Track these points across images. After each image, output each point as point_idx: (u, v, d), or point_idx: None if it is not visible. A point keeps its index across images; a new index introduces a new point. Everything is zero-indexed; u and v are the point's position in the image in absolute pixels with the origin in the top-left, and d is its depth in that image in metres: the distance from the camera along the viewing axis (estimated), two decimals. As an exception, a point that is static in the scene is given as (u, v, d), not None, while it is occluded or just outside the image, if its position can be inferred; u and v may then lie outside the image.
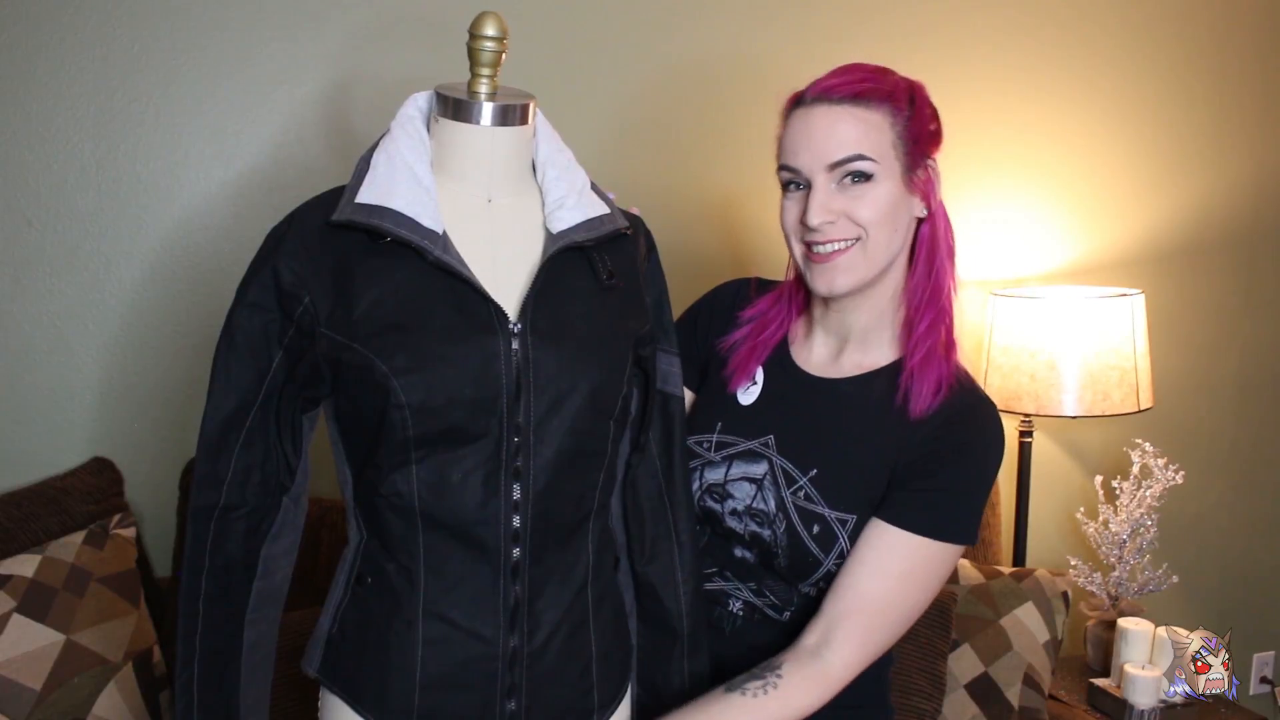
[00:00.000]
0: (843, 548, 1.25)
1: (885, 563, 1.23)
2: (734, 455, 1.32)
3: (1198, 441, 2.59)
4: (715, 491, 1.32)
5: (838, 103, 1.21)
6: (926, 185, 1.26)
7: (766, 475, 1.29)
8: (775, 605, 1.31)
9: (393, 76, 1.88)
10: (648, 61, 2.06)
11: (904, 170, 1.23)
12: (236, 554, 1.08)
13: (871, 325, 1.31)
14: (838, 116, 1.21)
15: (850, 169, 1.21)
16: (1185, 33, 2.47)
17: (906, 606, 1.24)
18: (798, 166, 1.24)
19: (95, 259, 1.81)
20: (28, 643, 1.56)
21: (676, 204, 2.09)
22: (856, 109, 1.21)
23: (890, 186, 1.22)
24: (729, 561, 1.33)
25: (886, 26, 2.20)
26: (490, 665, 1.09)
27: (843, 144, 1.20)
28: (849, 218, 1.22)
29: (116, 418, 1.85)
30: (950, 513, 1.24)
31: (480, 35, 1.07)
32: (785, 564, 1.27)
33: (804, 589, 1.29)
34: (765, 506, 1.28)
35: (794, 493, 1.27)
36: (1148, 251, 2.50)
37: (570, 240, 1.11)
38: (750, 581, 1.32)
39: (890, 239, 1.24)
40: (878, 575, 1.23)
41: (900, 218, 1.25)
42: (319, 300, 1.05)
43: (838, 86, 1.22)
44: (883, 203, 1.22)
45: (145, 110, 1.80)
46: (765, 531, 1.28)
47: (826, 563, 1.25)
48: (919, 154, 1.25)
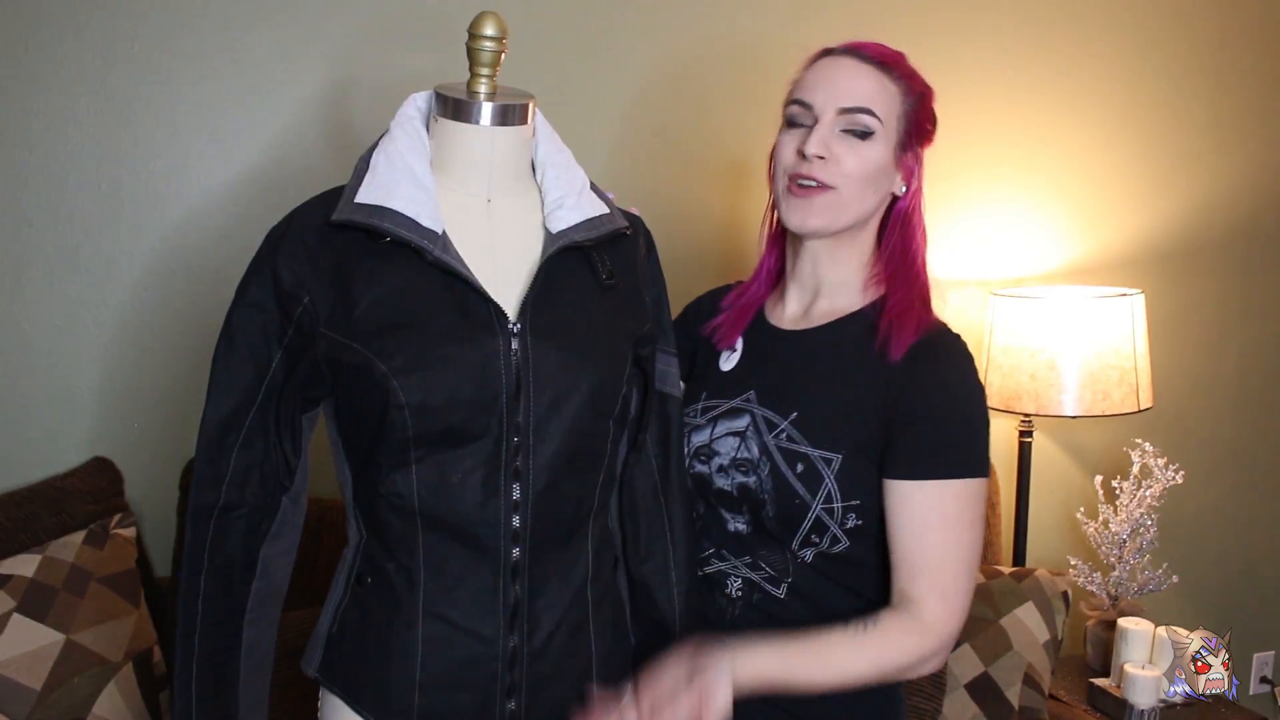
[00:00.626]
0: (829, 488, 1.25)
1: (920, 518, 1.25)
2: (718, 415, 1.34)
3: (1198, 441, 2.59)
4: (702, 453, 1.33)
5: (865, 60, 1.30)
6: (912, 167, 1.34)
7: (749, 426, 1.31)
8: (772, 577, 1.31)
9: (393, 76, 1.88)
10: (649, 60, 2.06)
11: (898, 144, 1.31)
12: (236, 554, 1.09)
13: (840, 278, 1.35)
14: (863, 71, 1.29)
15: (858, 119, 1.28)
16: (1185, 33, 2.47)
17: (963, 549, 1.26)
18: (811, 102, 1.30)
19: (95, 259, 1.81)
20: (28, 643, 1.56)
21: (678, 202, 2.09)
22: (880, 73, 1.30)
23: (882, 151, 1.29)
24: (724, 537, 1.33)
25: (889, 26, 2.20)
26: (490, 665, 1.09)
27: (860, 94, 1.28)
28: (837, 163, 1.28)
29: (116, 418, 1.85)
30: (960, 449, 1.26)
31: (480, 35, 1.08)
32: (773, 512, 1.27)
33: (798, 551, 1.29)
34: (749, 454, 1.30)
35: (776, 436, 1.29)
36: (1148, 251, 2.50)
37: (570, 240, 1.11)
38: (745, 555, 1.32)
39: (863, 198, 1.30)
40: (919, 533, 1.25)
41: (880, 183, 1.31)
42: (318, 300, 1.05)
43: (869, 47, 1.31)
44: (871, 162, 1.29)
45: (145, 110, 1.80)
46: (750, 479, 1.29)
47: (814, 505, 1.25)
48: (914, 138, 1.33)
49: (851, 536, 1.28)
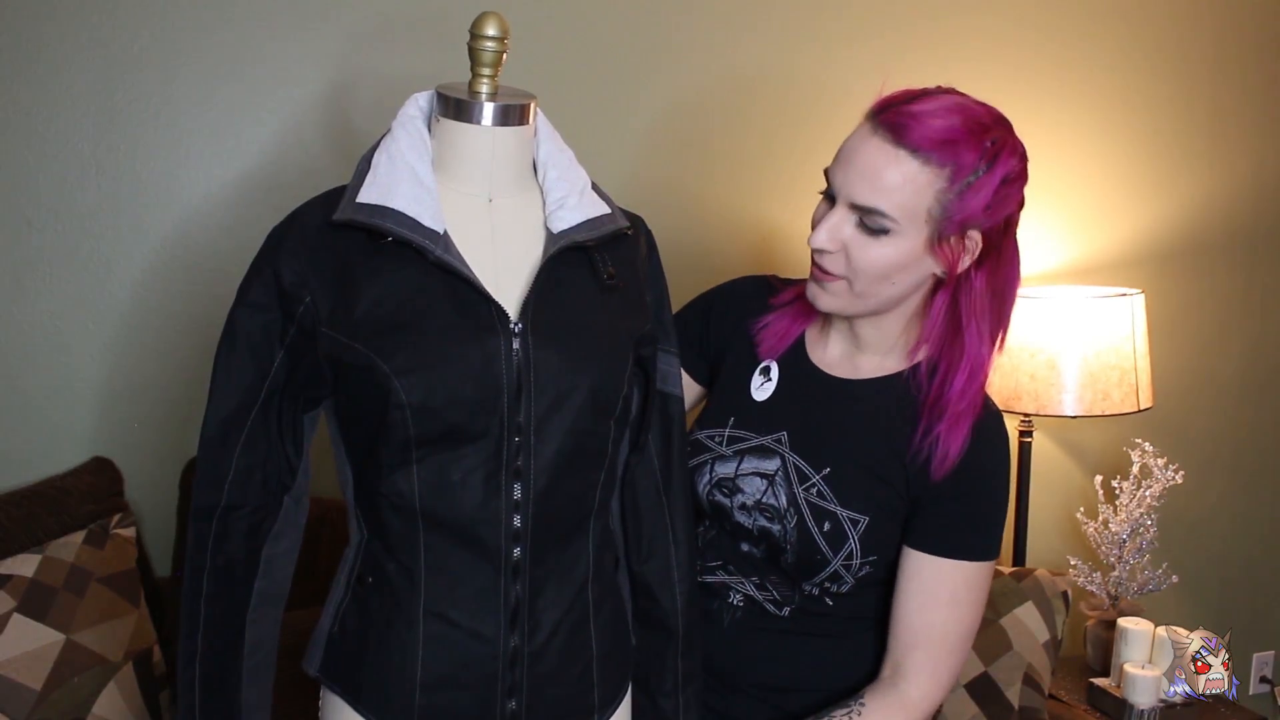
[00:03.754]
0: (852, 548, 1.26)
1: (930, 592, 1.26)
2: (745, 450, 1.32)
3: (1198, 441, 2.59)
4: (725, 486, 1.32)
5: (896, 145, 1.15)
6: (955, 254, 1.19)
7: (778, 471, 1.29)
8: (776, 601, 1.31)
9: (393, 76, 1.88)
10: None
11: (931, 235, 1.18)
12: (238, 554, 1.09)
13: (880, 341, 1.30)
14: (886, 160, 1.15)
15: (869, 218, 1.17)
16: (1185, 33, 2.47)
17: (962, 628, 1.27)
18: (832, 180, 1.21)
19: (95, 259, 1.81)
20: (28, 642, 1.56)
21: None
22: (911, 161, 1.15)
23: (905, 247, 1.18)
24: (734, 555, 1.33)
25: (889, 26, 2.20)
26: (491, 665, 1.09)
27: (873, 191, 1.16)
28: (848, 256, 1.20)
29: (116, 418, 1.85)
30: (979, 533, 1.28)
31: (481, 35, 1.07)
32: (793, 560, 1.28)
33: (807, 588, 1.29)
34: (776, 502, 1.28)
35: (806, 489, 1.28)
36: (1148, 251, 2.50)
37: (571, 240, 1.11)
38: (754, 576, 1.32)
39: (882, 290, 1.22)
40: (928, 606, 1.26)
41: (904, 275, 1.21)
42: (320, 300, 1.05)
43: (908, 130, 1.15)
44: (887, 260, 1.18)
45: (145, 110, 1.80)
46: (775, 527, 1.28)
47: (834, 563, 1.26)
48: (960, 223, 1.17)
49: (861, 581, 1.29)
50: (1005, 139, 1.18)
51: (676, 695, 1.24)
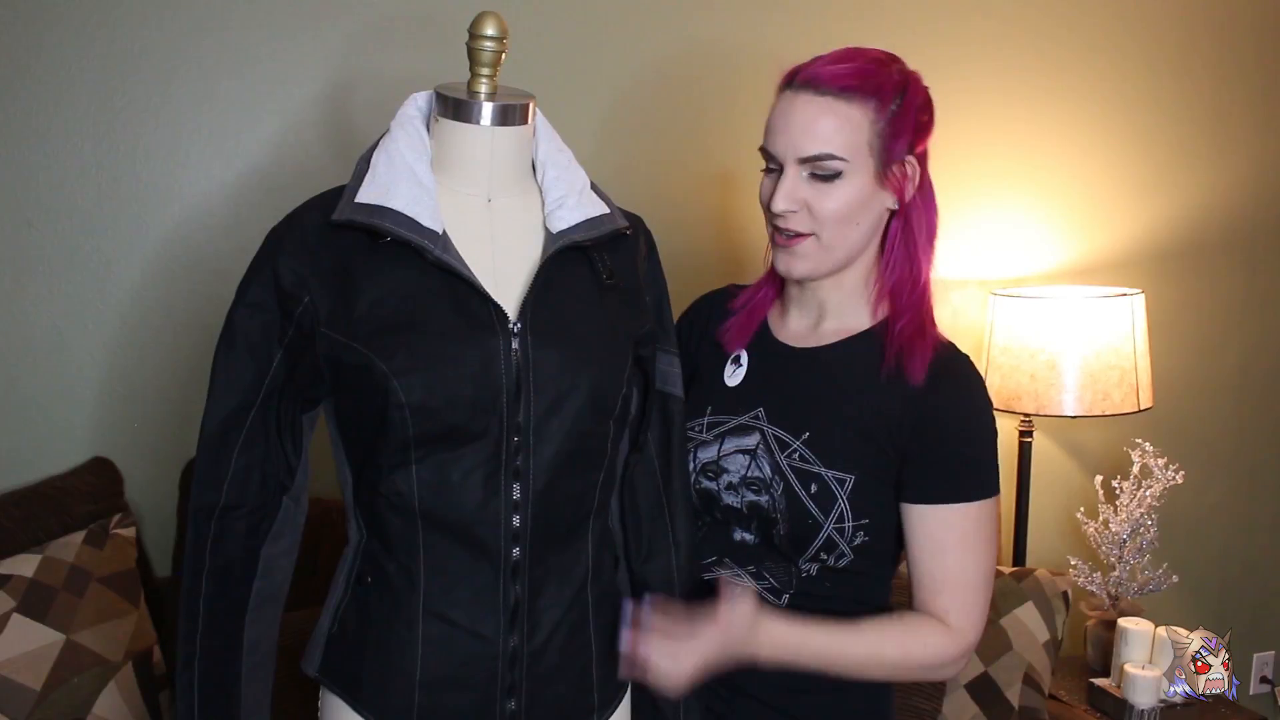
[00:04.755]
0: (842, 509, 1.26)
1: (939, 539, 1.26)
2: (725, 432, 1.33)
3: (1198, 441, 2.59)
4: (710, 469, 1.32)
5: (820, 94, 1.22)
6: (901, 181, 1.26)
7: (759, 444, 1.30)
8: (775, 588, 1.31)
9: (393, 76, 1.88)
10: (638, 59, 2.05)
11: (877, 167, 1.24)
12: (236, 554, 1.09)
13: (844, 300, 1.34)
14: (818, 109, 1.22)
15: (820, 165, 1.22)
16: (1185, 33, 2.47)
17: (981, 568, 1.28)
18: (773, 151, 1.26)
19: (95, 259, 1.81)
20: (28, 642, 1.56)
21: (670, 191, 2.09)
22: (838, 103, 1.21)
23: (859, 183, 1.23)
24: (728, 546, 1.33)
25: (888, 27, 2.20)
26: (490, 665, 1.09)
27: (815, 139, 1.22)
28: (810, 210, 1.24)
29: (116, 418, 1.85)
30: (973, 472, 1.28)
31: (480, 35, 1.08)
32: (785, 530, 1.28)
33: (802, 565, 1.29)
34: (761, 473, 1.29)
35: (788, 456, 1.29)
36: (1148, 251, 2.50)
37: (570, 240, 1.11)
38: (750, 565, 1.32)
39: (849, 235, 1.26)
40: (938, 553, 1.26)
41: (865, 214, 1.26)
42: (319, 300, 1.05)
43: (825, 77, 1.22)
44: (847, 200, 1.23)
45: (145, 110, 1.80)
46: (763, 498, 1.29)
47: (826, 526, 1.26)
48: (897, 150, 1.25)
49: (858, 552, 1.29)
50: (905, 69, 1.27)
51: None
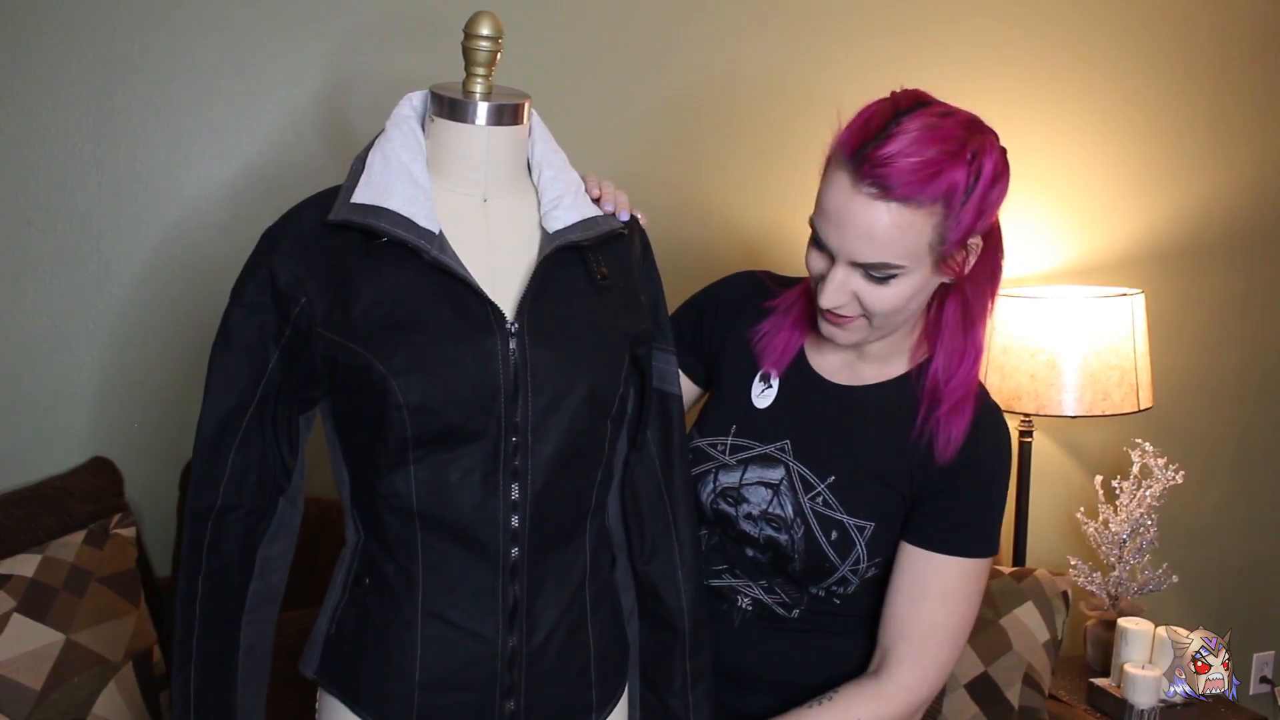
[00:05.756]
0: (859, 554, 1.26)
1: (923, 586, 1.26)
2: (749, 459, 1.32)
3: (1198, 441, 2.59)
4: (730, 495, 1.32)
5: (886, 199, 1.11)
6: (960, 265, 1.19)
7: (783, 480, 1.29)
8: (785, 604, 1.31)
9: (392, 76, 1.88)
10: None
11: (935, 260, 1.17)
12: (233, 555, 1.09)
13: (885, 350, 1.31)
14: (879, 215, 1.12)
15: (876, 270, 1.16)
16: (1185, 33, 2.47)
17: (953, 624, 1.27)
18: (826, 244, 1.17)
19: (95, 259, 1.81)
20: (28, 642, 1.56)
21: (686, 207, 2.09)
22: (904, 210, 1.11)
23: (915, 280, 1.17)
24: (740, 560, 1.33)
25: (888, 27, 2.20)
26: (489, 665, 1.09)
27: (874, 247, 1.13)
28: (860, 303, 1.20)
29: (116, 418, 1.86)
30: (975, 530, 1.27)
31: (475, 35, 1.07)
32: (800, 568, 1.28)
33: (814, 590, 1.30)
34: (782, 512, 1.28)
35: (812, 499, 1.28)
36: (1148, 251, 2.50)
37: (566, 240, 1.11)
38: (761, 580, 1.32)
39: (899, 317, 1.22)
40: (918, 599, 1.26)
41: (918, 299, 1.21)
42: (316, 300, 1.05)
43: (894, 179, 1.10)
44: (899, 298, 1.18)
45: (145, 110, 1.80)
46: (782, 536, 1.29)
47: (842, 568, 1.26)
48: (960, 240, 1.16)
49: (869, 582, 1.30)
50: (982, 143, 1.15)
51: (686, 695, 1.24)
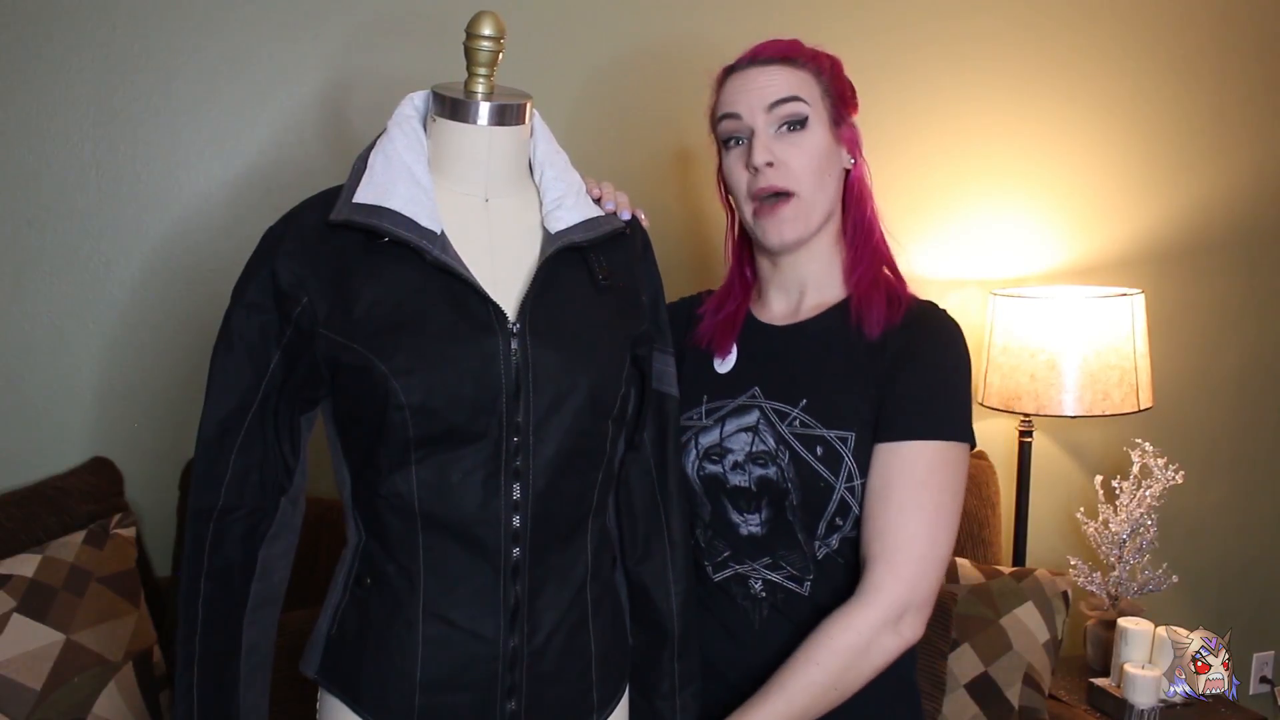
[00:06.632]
0: (849, 466, 1.26)
1: (888, 480, 1.24)
2: (725, 414, 1.35)
3: (1198, 441, 2.59)
4: (713, 453, 1.33)
5: (768, 62, 1.33)
6: (852, 137, 1.37)
7: (760, 420, 1.32)
8: (794, 576, 1.31)
9: (392, 76, 1.88)
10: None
11: (831, 121, 1.34)
12: (235, 556, 1.08)
13: (820, 270, 1.38)
14: (772, 71, 1.33)
15: (788, 110, 1.30)
16: (1185, 33, 2.47)
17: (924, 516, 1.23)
18: (738, 110, 1.32)
19: (95, 259, 1.81)
20: (28, 642, 1.56)
21: (687, 207, 2.09)
22: (786, 66, 1.33)
23: (821, 134, 1.32)
24: (738, 542, 1.33)
25: (886, 21, 2.20)
26: (490, 665, 1.09)
27: (780, 88, 1.31)
28: (786, 166, 1.30)
29: (116, 418, 1.85)
30: (931, 414, 1.26)
31: (477, 35, 1.08)
32: (798, 499, 1.28)
33: (818, 546, 1.29)
34: (765, 446, 1.30)
35: (789, 424, 1.30)
36: (1148, 251, 2.50)
37: (569, 240, 1.11)
38: (764, 556, 1.32)
39: (823, 189, 1.33)
40: (885, 496, 1.24)
41: (831, 168, 1.34)
42: (317, 300, 1.05)
43: (765, 49, 1.34)
44: (816, 151, 1.31)
45: (145, 110, 1.80)
46: (770, 470, 1.29)
47: (838, 486, 1.26)
48: (843, 109, 1.36)
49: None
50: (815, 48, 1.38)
51: (674, 698, 1.24)
